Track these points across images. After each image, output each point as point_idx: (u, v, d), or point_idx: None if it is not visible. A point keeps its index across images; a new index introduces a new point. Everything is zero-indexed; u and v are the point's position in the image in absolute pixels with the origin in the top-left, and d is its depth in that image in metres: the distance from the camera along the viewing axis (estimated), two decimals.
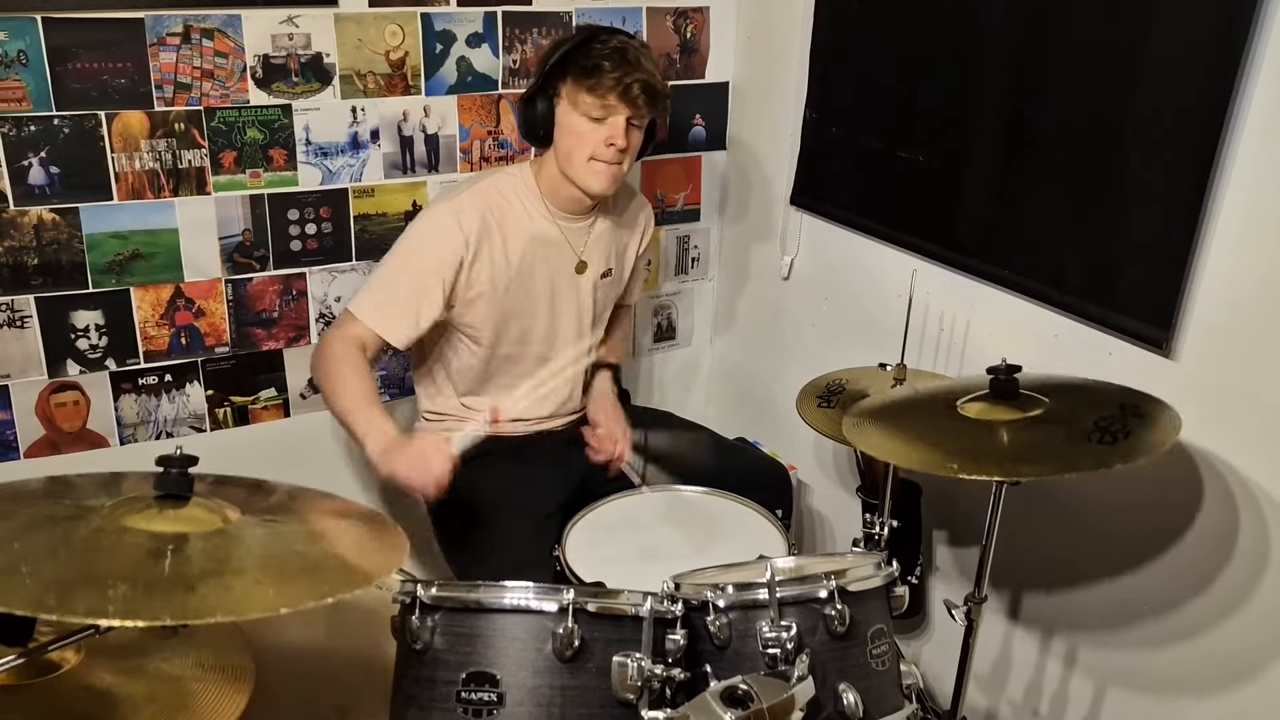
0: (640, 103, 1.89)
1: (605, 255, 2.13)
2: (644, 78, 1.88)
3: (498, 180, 2.05)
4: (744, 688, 1.24)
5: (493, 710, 1.27)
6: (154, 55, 1.97)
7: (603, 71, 1.87)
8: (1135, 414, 1.54)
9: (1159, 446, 1.46)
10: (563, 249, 2.06)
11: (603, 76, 1.87)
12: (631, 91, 1.88)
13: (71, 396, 2.11)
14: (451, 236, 1.94)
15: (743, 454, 2.37)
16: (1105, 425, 1.50)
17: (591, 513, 1.98)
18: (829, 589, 1.38)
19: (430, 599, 1.31)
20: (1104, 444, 1.46)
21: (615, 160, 1.93)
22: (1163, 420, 1.53)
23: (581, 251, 2.08)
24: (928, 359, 2.16)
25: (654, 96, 1.91)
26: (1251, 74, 1.52)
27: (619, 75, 1.87)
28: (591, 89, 1.88)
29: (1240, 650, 1.68)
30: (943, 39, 2.03)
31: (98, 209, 2.01)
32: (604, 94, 1.88)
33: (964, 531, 2.21)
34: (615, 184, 1.98)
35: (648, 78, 1.89)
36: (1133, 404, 1.57)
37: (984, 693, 2.17)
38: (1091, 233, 1.78)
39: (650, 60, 1.93)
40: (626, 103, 1.88)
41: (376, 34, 2.16)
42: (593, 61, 1.88)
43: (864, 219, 2.29)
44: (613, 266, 2.16)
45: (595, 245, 2.11)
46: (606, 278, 2.15)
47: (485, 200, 1.99)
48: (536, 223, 2.03)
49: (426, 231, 1.98)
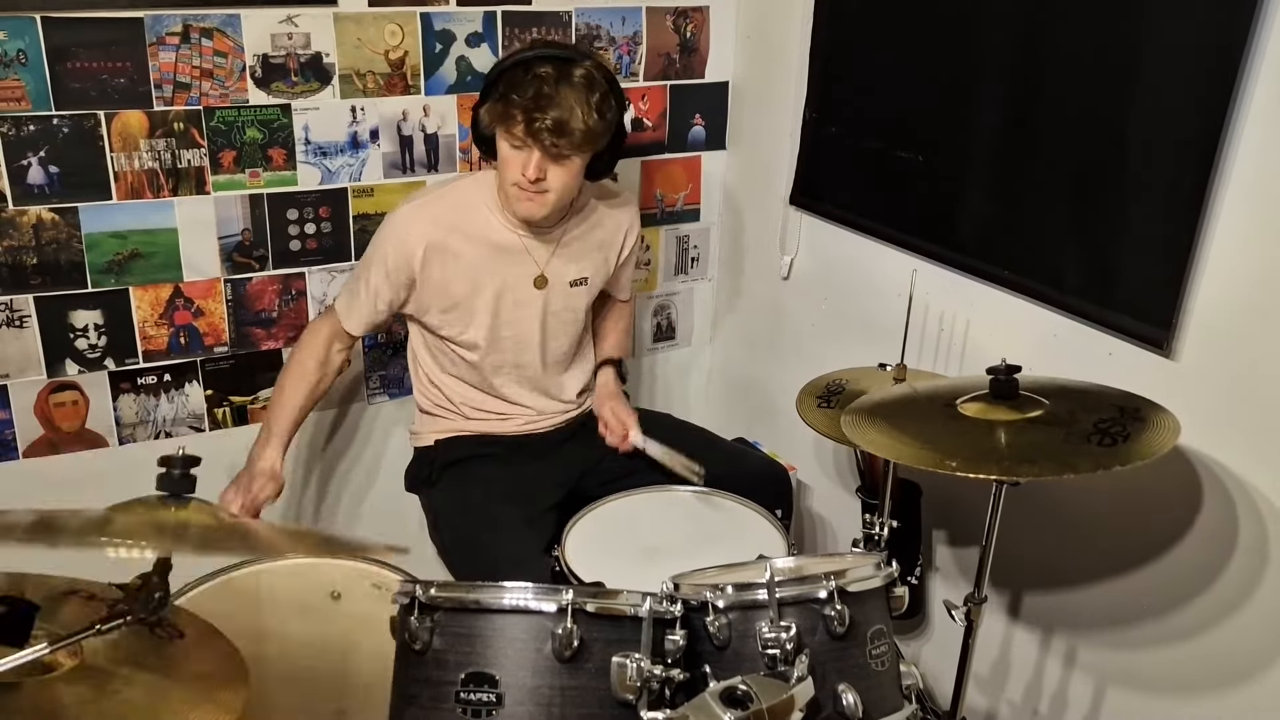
0: (546, 141, 1.80)
1: (578, 264, 2.10)
2: (556, 115, 1.78)
3: (462, 187, 2.05)
4: (743, 688, 1.24)
5: (492, 710, 1.27)
6: (153, 55, 1.97)
7: (512, 104, 1.81)
8: (1134, 417, 1.54)
9: (1158, 450, 1.46)
10: (522, 259, 2.03)
11: (511, 109, 1.81)
12: (535, 128, 1.79)
13: (70, 396, 2.11)
14: (400, 244, 1.97)
15: (742, 454, 2.37)
16: (1105, 428, 1.50)
17: (591, 513, 1.98)
18: (829, 589, 1.37)
19: (429, 599, 1.31)
20: (1103, 446, 1.46)
21: (532, 191, 1.88)
22: (1161, 424, 1.53)
23: (545, 263, 2.05)
24: (927, 359, 2.16)
25: (563, 135, 1.80)
26: (1251, 73, 1.52)
27: (526, 109, 1.79)
28: (502, 119, 1.84)
29: (1240, 650, 1.68)
30: (943, 38, 2.03)
31: (97, 208, 2.01)
32: (511, 126, 1.83)
33: (964, 532, 2.21)
34: (541, 211, 1.92)
35: (560, 115, 1.78)
36: (1132, 407, 1.57)
37: (984, 693, 2.17)
38: (1091, 233, 1.78)
39: (578, 93, 1.81)
40: (533, 139, 1.81)
41: (376, 33, 2.16)
42: (509, 93, 1.81)
43: (864, 219, 2.29)
44: (588, 275, 2.12)
45: (564, 255, 2.07)
46: (578, 286, 2.11)
47: (443, 207, 2.00)
48: (497, 231, 2.01)
49: (383, 234, 2.01)
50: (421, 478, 2.16)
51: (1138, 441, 1.47)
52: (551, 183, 1.88)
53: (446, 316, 2.03)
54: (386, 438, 2.46)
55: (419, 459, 2.19)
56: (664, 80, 2.54)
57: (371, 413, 2.44)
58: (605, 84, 1.88)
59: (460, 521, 2.04)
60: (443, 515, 2.09)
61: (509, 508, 1.98)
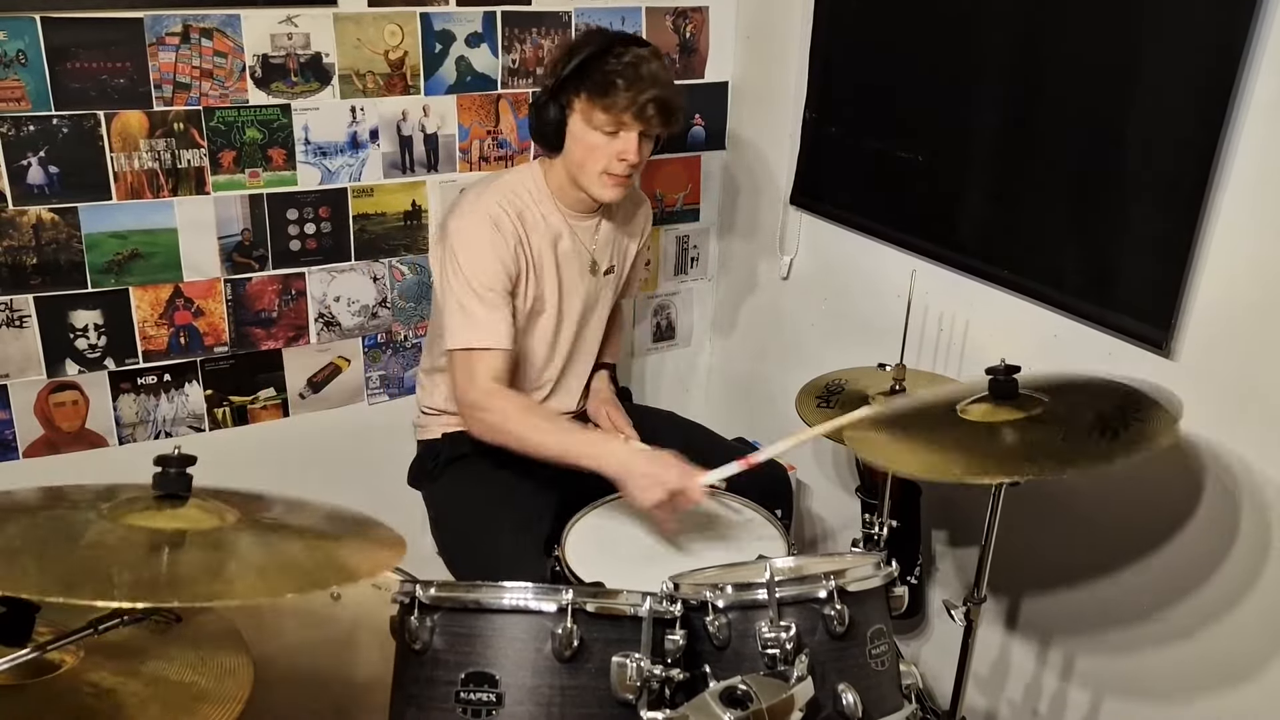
0: (654, 121, 1.86)
1: (609, 254, 2.14)
2: (659, 94, 1.84)
3: (511, 180, 2.04)
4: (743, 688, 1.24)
5: (492, 710, 1.27)
6: (153, 55, 1.97)
7: (617, 90, 1.83)
8: (1135, 407, 1.54)
9: (1160, 438, 1.44)
10: (577, 247, 2.06)
11: (617, 95, 1.83)
12: (646, 111, 1.84)
13: (70, 396, 2.11)
14: (503, 233, 1.91)
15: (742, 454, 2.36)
16: (1106, 420, 1.50)
17: (591, 513, 1.98)
18: (828, 589, 1.37)
19: (429, 599, 1.31)
20: (1105, 439, 1.46)
21: (627, 174, 1.92)
22: (1163, 411, 1.52)
23: (593, 250, 2.09)
24: (927, 359, 2.16)
25: (669, 113, 1.87)
26: (1251, 73, 1.52)
27: (633, 94, 1.83)
28: (606, 107, 1.85)
29: (1240, 650, 1.69)
30: (942, 38, 2.03)
31: (97, 209, 2.01)
32: (618, 113, 1.84)
33: (963, 531, 2.21)
34: (625, 194, 1.99)
35: (662, 93, 1.85)
36: (1132, 397, 1.57)
37: (983, 693, 2.17)
38: (1091, 233, 1.78)
39: (665, 72, 1.89)
40: (640, 120, 1.85)
41: (376, 34, 2.16)
42: (607, 78, 1.84)
43: (863, 219, 2.29)
44: (615, 264, 2.16)
45: (602, 244, 2.11)
46: (609, 275, 2.15)
47: (507, 198, 1.98)
48: (551, 221, 2.03)
49: (473, 244, 1.91)
50: (425, 472, 2.15)
51: (1140, 432, 1.46)
52: (641, 163, 1.93)
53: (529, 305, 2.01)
54: (386, 437, 2.46)
55: (424, 452, 2.19)
56: None
57: (371, 413, 2.44)
58: None
59: (461, 520, 2.03)
60: (444, 511, 2.09)
61: (510, 507, 1.98)
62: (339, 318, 2.32)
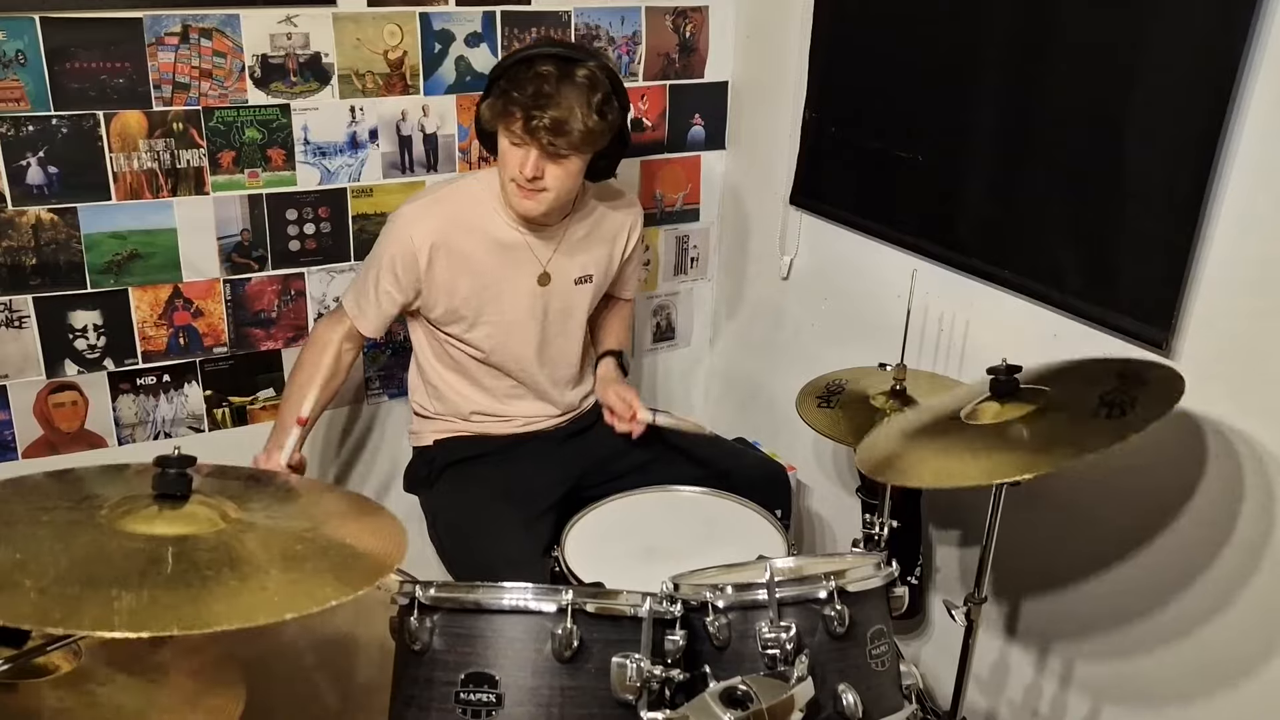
0: (544, 140, 1.81)
1: (581, 263, 2.10)
2: (554, 115, 1.79)
3: (464, 186, 2.06)
4: (743, 688, 1.24)
5: (491, 711, 1.27)
6: (152, 55, 1.97)
7: (512, 101, 1.82)
8: (1136, 380, 1.53)
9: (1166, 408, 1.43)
10: (525, 257, 2.04)
11: (510, 106, 1.83)
12: (533, 126, 1.80)
13: (70, 397, 2.10)
14: (405, 245, 1.97)
15: (742, 454, 2.36)
16: (1110, 399, 1.49)
17: (591, 513, 1.98)
18: (828, 589, 1.37)
19: (429, 600, 1.31)
20: (1113, 418, 1.45)
21: (531, 188, 1.89)
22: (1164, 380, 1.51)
23: (547, 261, 2.05)
24: (927, 359, 2.16)
25: (560, 134, 1.81)
26: (1251, 73, 1.52)
27: (525, 107, 1.81)
28: (501, 117, 1.86)
29: (1241, 650, 1.68)
30: (942, 38, 2.03)
31: (96, 209, 2.01)
32: (509, 123, 1.84)
33: (964, 532, 2.21)
34: (539, 209, 1.93)
35: (559, 114, 1.80)
36: (1131, 371, 1.56)
37: (984, 693, 2.16)
38: (1091, 232, 1.78)
39: (580, 93, 1.82)
40: (530, 137, 1.83)
41: (375, 33, 2.16)
42: (509, 90, 1.83)
43: (863, 219, 2.29)
44: (592, 273, 2.12)
45: (567, 253, 2.08)
46: (584, 284, 2.12)
47: (447, 205, 2.00)
48: (500, 229, 2.02)
49: (388, 233, 2.02)
50: (420, 478, 2.15)
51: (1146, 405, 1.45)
52: (549, 181, 1.89)
53: (452, 314, 2.03)
54: (386, 438, 2.46)
55: (418, 459, 2.19)
56: (663, 80, 2.54)
57: (371, 413, 2.44)
58: (608, 84, 1.88)
59: (459, 523, 2.03)
60: (441, 516, 2.09)
61: (508, 509, 1.98)
62: None
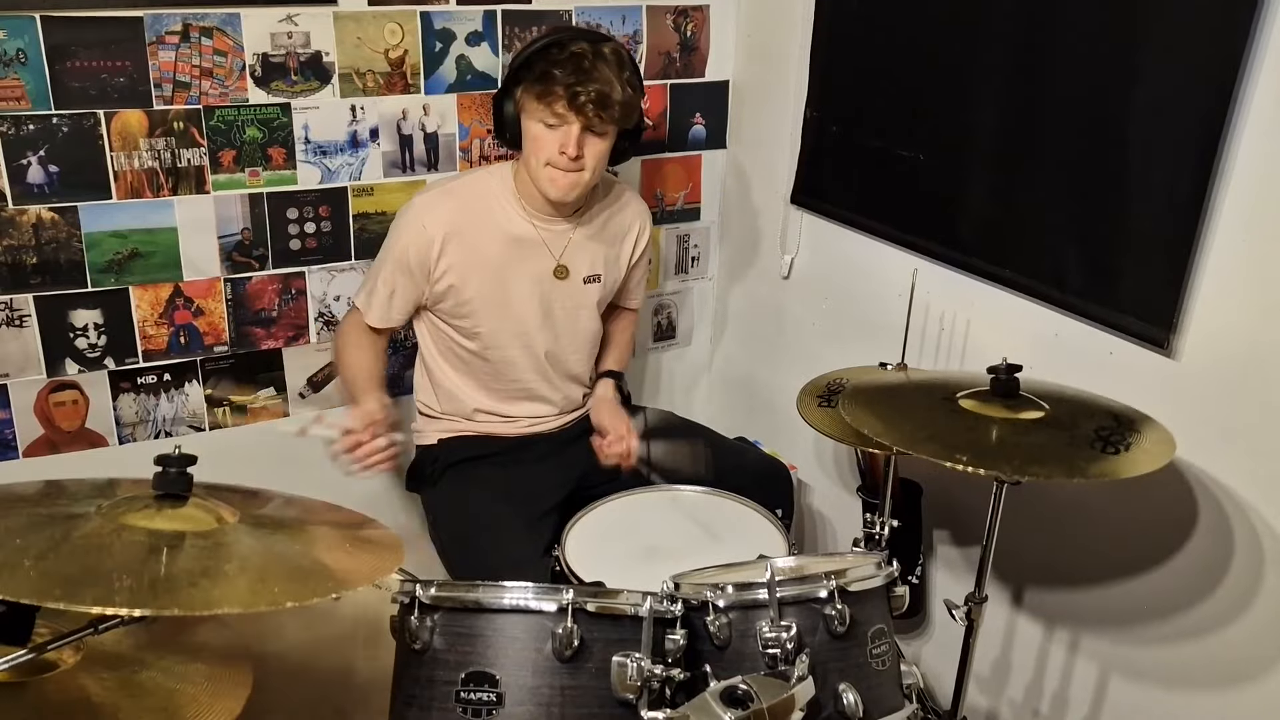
0: (590, 113, 1.85)
1: (590, 261, 2.11)
2: (597, 88, 1.84)
3: (476, 179, 2.06)
4: (744, 688, 1.24)
5: (492, 710, 1.27)
6: (153, 54, 1.97)
7: (553, 80, 1.84)
8: (1131, 428, 1.55)
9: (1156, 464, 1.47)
10: (539, 251, 2.04)
11: (553, 85, 1.84)
12: (579, 101, 1.84)
13: (70, 396, 2.11)
14: (418, 234, 1.98)
15: (743, 454, 2.36)
16: (1105, 435, 1.51)
17: (591, 513, 1.98)
18: (829, 589, 1.37)
19: (430, 599, 1.31)
20: (1107, 454, 1.47)
21: (570, 168, 1.91)
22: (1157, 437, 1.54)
23: (560, 255, 2.06)
24: (928, 358, 2.16)
25: (606, 107, 1.86)
26: (1252, 72, 1.51)
27: (569, 84, 1.83)
28: (540, 96, 1.87)
29: (1242, 651, 1.68)
30: (943, 37, 2.02)
31: (96, 208, 2.01)
32: (552, 102, 1.86)
33: (964, 531, 2.21)
34: (575, 191, 1.95)
35: (601, 87, 1.84)
36: (1126, 418, 1.58)
37: (984, 693, 2.16)
38: (1092, 232, 1.77)
39: (613, 68, 1.87)
40: (576, 112, 1.85)
41: (376, 32, 2.16)
42: (547, 69, 1.85)
43: (864, 218, 2.29)
44: (600, 273, 2.13)
45: (578, 250, 2.08)
46: (592, 284, 2.12)
47: (459, 199, 2.01)
48: (513, 223, 2.02)
49: (399, 227, 2.03)
50: (423, 476, 2.15)
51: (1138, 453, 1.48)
52: (587, 159, 1.92)
53: (462, 308, 2.03)
54: None
55: (421, 457, 2.19)
56: (664, 79, 2.54)
57: None
58: (631, 61, 1.95)
59: (460, 522, 2.04)
60: (442, 515, 2.09)
61: (509, 509, 1.98)
62: (339, 317, 2.31)
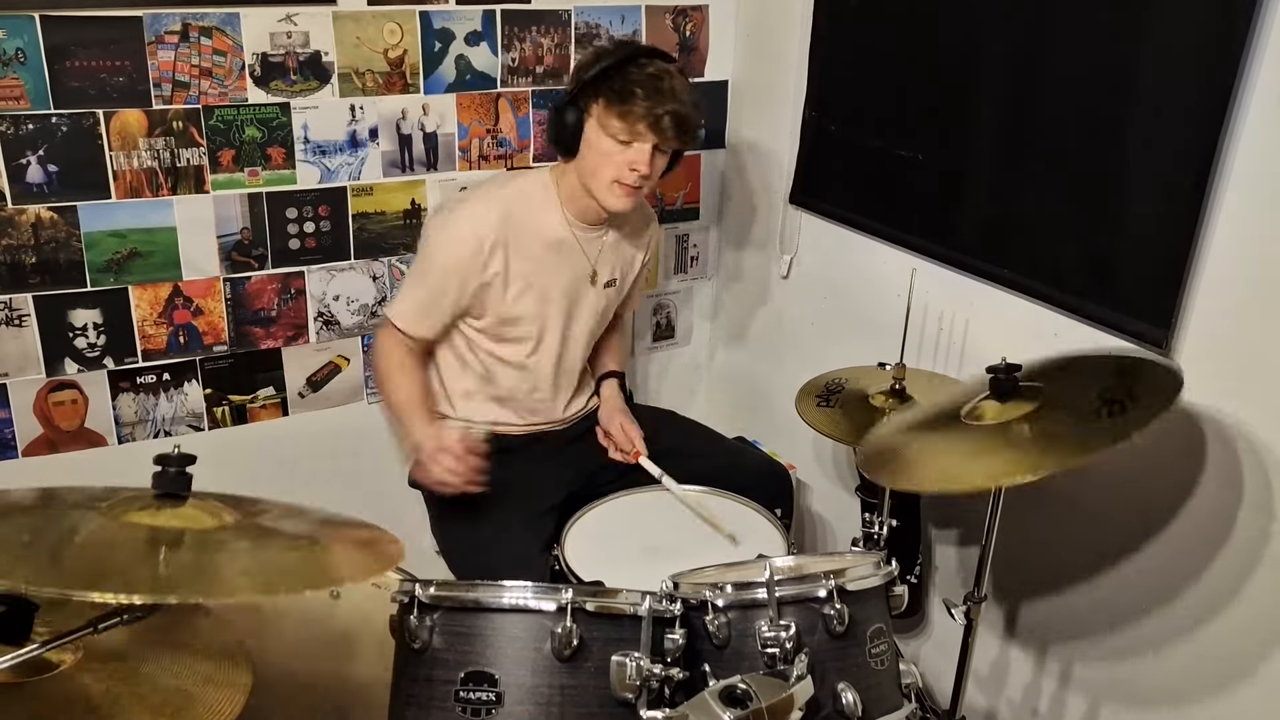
0: (669, 134, 1.88)
1: (612, 266, 2.14)
2: (676, 109, 1.86)
3: (518, 184, 2.05)
4: (743, 687, 1.24)
5: (491, 709, 1.27)
6: (152, 53, 1.97)
7: (635, 98, 1.85)
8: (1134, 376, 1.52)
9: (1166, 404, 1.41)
10: (578, 256, 2.06)
11: (634, 104, 1.85)
12: (661, 123, 1.86)
13: (69, 395, 2.11)
14: (468, 243, 1.95)
15: (742, 453, 2.37)
16: (1109, 396, 1.49)
17: (591, 512, 1.98)
18: (828, 588, 1.37)
19: (429, 598, 1.31)
20: (1114, 416, 1.44)
21: (637, 185, 1.92)
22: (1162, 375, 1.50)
23: (595, 260, 2.08)
24: (927, 358, 2.16)
25: (684, 129, 1.89)
26: (1251, 72, 1.51)
27: (651, 105, 1.85)
28: (622, 115, 1.86)
29: (1240, 651, 1.68)
30: (942, 37, 2.02)
31: (96, 207, 2.01)
32: (633, 121, 1.86)
33: (963, 531, 2.21)
34: (634, 205, 1.99)
35: (680, 108, 1.87)
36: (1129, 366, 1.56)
37: (983, 692, 2.17)
38: (1091, 232, 1.78)
39: (685, 89, 1.90)
40: (655, 132, 1.87)
41: (375, 32, 2.16)
42: (627, 86, 1.85)
43: (863, 218, 2.29)
44: (617, 278, 2.15)
45: (605, 256, 2.11)
46: (610, 288, 2.15)
47: (505, 205, 1.99)
48: (555, 229, 2.03)
49: (446, 238, 1.99)
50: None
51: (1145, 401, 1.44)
52: (653, 176, 1.94)
53: (504, 310, 2.02)
54: (386, 436, 2.46)
55: None
56: None
57: (371, 412, 2.44)
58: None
59: (461, 519, 2.03)
60: (444, 512, 2.09)
61: (510, 507, 1.98)
62: (338, 317, 2.32)
